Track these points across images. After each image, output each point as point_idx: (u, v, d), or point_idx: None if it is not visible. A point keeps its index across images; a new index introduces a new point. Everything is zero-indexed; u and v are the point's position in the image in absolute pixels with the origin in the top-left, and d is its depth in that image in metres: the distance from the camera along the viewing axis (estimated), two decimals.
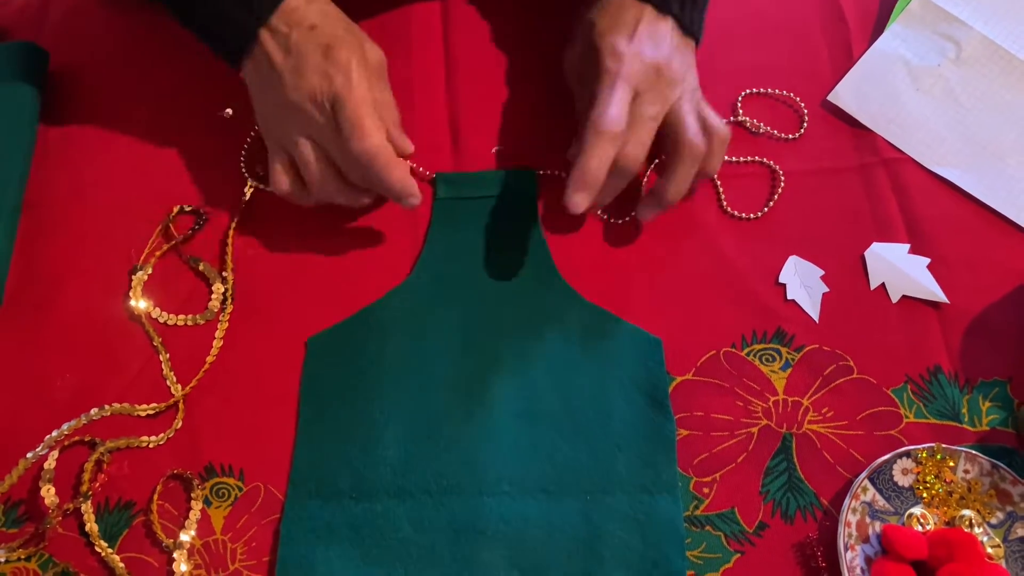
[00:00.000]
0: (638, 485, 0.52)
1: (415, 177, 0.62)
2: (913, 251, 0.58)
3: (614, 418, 0.54)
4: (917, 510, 0.51)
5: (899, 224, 0.59)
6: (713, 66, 0.62)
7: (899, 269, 0.58)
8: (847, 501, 0.50)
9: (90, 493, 0.53)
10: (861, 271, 0.58)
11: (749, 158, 0.62)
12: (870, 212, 0.60)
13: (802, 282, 0.58)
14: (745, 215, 0.60)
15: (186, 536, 0.52)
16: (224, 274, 0.60)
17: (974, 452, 0.51)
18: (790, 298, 0.57)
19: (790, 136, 0.63)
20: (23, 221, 0.62)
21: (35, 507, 0.54)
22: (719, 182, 0.61)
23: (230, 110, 0.65)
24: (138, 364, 0.58)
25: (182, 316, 0.59)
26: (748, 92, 0.65)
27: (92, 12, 0.71)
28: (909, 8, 0.65)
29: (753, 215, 0.60)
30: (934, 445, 0.51)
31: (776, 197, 0.61)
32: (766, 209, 0.60)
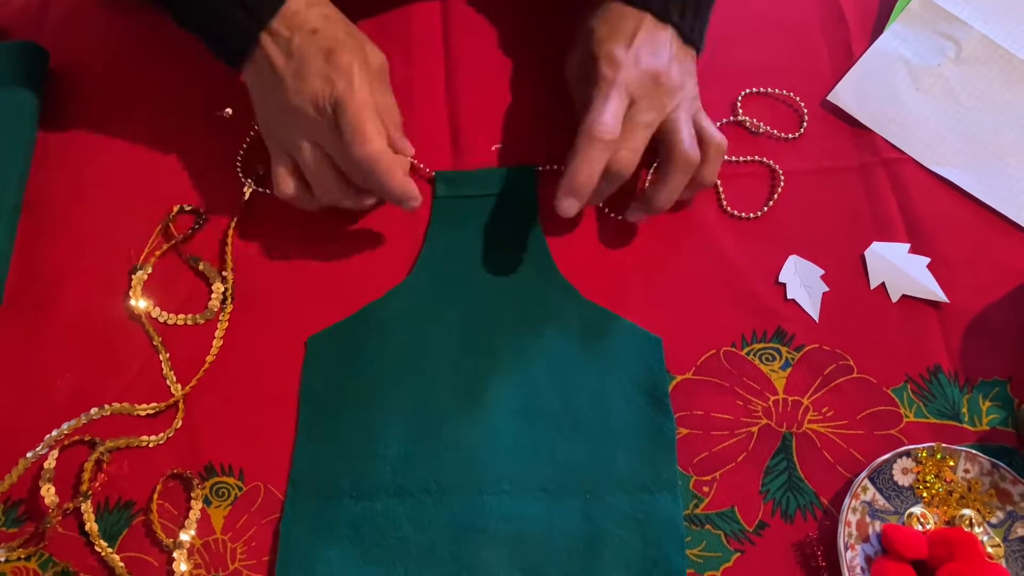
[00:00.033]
0: (638, 484, 0.52)
1: (416, 174, 0.62)
2: (913, 251, 0.58)
3: (614, 417, 0.54)
4: (917, 509, 0.51)
5: (899, 224, 0.59)
6: (713, 65, 0.62)
7: (899, 269, 0.58)
8: (847, 500, 0.50)
9: (90, 493, 0.53)
10: (861, 271, 0.58)
11: (749, 158, 0.62)
12: (870, 212, 0.60)
13: (802, 281, 0.58)
14: (745, 215, 0.60)
15: (186, 536, 0.52)
16: (224, 273, 0.60)
17: (974, 452, 0.51)
18: (790, 297, 0.57)
19: (790, 136, 0.63)
20: (23, 221, 0.63)
21: (35, 507, 0.54)
22: (719, 182, 0.61)
23: (230, 110, 0.65)
24: (138, 364, 0.58)
25: (182, 316, 0.59)
26: (748, 92, 0.64)
27: (92, 12, 0.71)
28: (909, 8, 0.65)
29: (753, 215, 0.60)
30: (934, 444, 0.51)
31: (776, 197, 0.61)
32: (766, 209, 0.60)
